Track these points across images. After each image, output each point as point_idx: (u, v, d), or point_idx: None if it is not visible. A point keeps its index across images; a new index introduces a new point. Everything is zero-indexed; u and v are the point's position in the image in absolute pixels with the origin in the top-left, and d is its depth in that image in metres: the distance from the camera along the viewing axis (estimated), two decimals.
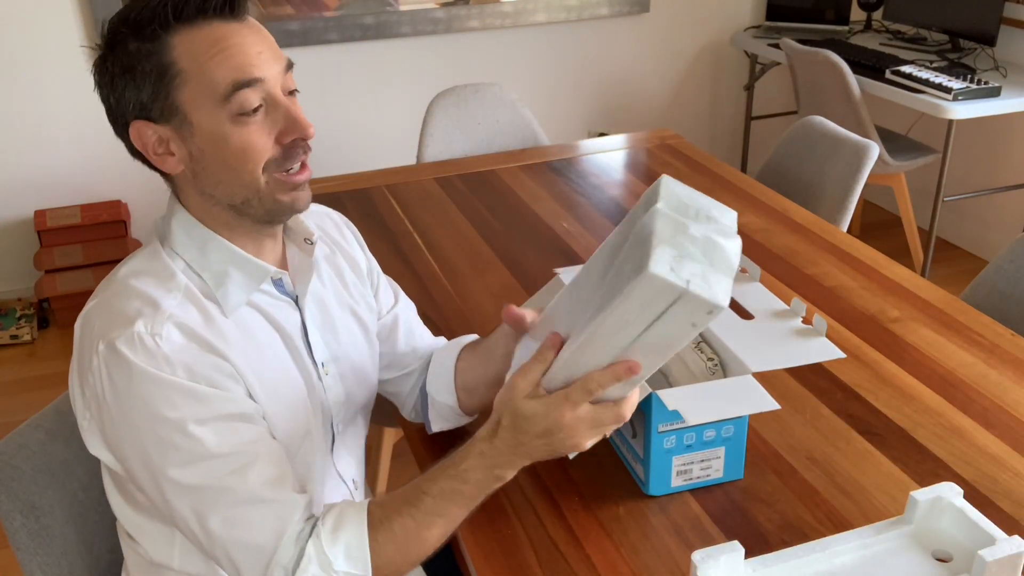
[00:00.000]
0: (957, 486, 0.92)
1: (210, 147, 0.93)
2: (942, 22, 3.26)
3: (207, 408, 0.90)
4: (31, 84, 2.99)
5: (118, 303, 0.93)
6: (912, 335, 1.43)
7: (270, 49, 0.95)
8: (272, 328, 1.02)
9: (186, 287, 0.96)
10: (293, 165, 0.96)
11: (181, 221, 0.99)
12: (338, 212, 1.22)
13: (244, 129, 0.92)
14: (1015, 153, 3.28)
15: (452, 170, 2.21)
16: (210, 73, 0.90)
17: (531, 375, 0.88)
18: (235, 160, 0.93)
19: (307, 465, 1.05)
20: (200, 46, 0.91)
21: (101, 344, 0.90)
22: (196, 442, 0.89)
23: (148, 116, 0.93)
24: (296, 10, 3.14)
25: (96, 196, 3.17)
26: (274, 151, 0.94)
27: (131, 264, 0.98)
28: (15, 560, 1.09)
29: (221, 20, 0.92)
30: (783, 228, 1.83)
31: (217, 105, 0.91)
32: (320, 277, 1.10)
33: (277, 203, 0.97)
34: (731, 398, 1.03)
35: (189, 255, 0.98)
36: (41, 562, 1.09)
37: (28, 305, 3.13)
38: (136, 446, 0.91)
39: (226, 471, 0.89)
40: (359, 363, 1.13)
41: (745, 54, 3.79)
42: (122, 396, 0.89)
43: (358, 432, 1.17)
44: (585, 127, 3.75)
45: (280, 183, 0.96)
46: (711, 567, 0.84)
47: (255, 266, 0.99)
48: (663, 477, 1.09)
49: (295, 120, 0.94)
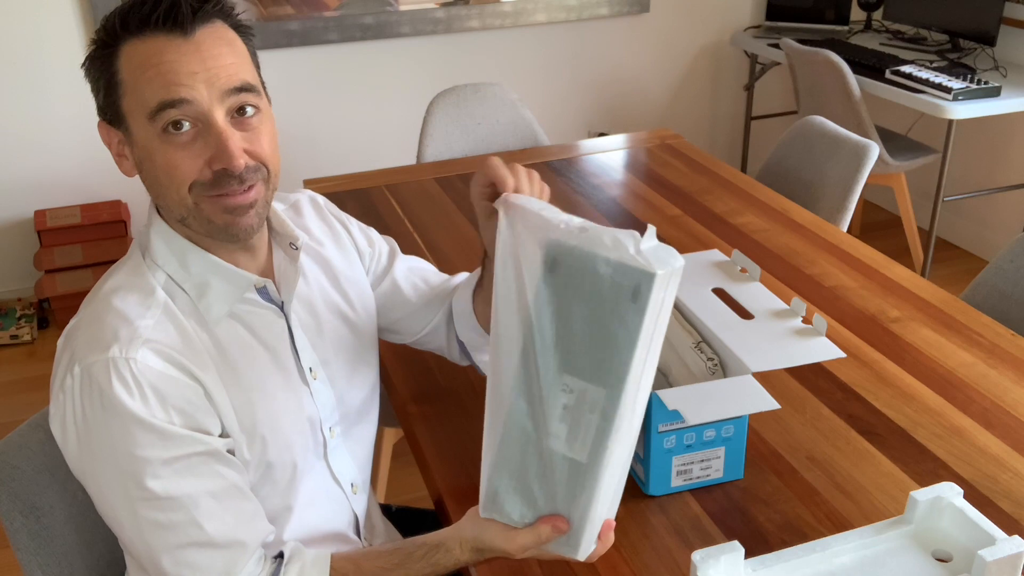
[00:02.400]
0: (957, 486, 0.92)
1: (144, 160, 0.93)
2: (942, 22, 3.26)
3: (172, 449, 0.90)
4: (31, 84, 2.99)
5: (97, 323, 0.93)
6: (912, 335, 1.43)
7: (210, 69, 0.90)
8: (255, 340, 1.01)
9: (164, 304, 0.95)
10: (223, 191, 0.93)
11: (159, 232, 0.98)
12: (309, 192, 1.21)
13: (169, 147, 0.91)
14: (1015, 153, 3.28)
15: (452, 170, 2.21)
16: (141, 88, 0.90)
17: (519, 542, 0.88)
18: (162, 176, 0.93)
19: (292, 474, 1.04)
20: (138, 59, 0.90)
21: (77, 367, 0.90)
22: (156, 482, 0.89)
23: (107, 119, 0.96)
24: (296, 10, 3.14)
25: (96, 196, 3.17)
26: (202, 175, 0.92)
27: (114, 279, 0.97)
28: (15, 560, 1.09)
29: (165, 34, 0.90)
30: (783, 228, 1.83)
31: (146, 120, 0.91)
32: (306, 279, 1.09)
33: (212, 224, 0.95)
34: (731, 398, 1.03)
35: (170, 267, 0.98)
36: (41, 562, 1.09)
37: (28, 305, 3.13)
38: (97, 475, 0.92)
39: (182, 513, 0.90)
40: (350, 364, 1.12)
41: (745, 54, 3.79)
42: (90, 424, 0.90)
43: (359, 434, 1.16)
44: (585, 127, 3.75)
45: (213, 204, 0.93)
46: (711, 567, 0.84)
47: (236, 275, 0.99)
48: (663, 477, 1.09)
49: (222, 149, 0.90)
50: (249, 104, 0.93)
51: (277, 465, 1.02)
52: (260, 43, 3.47)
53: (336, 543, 1.11)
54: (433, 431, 1.24)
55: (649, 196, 2.02)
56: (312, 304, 1.09)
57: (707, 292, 1.21)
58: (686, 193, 2.02)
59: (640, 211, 1.94)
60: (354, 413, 1.14)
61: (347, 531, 1.13)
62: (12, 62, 2.94)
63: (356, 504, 1.14)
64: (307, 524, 1.07)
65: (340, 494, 1.12)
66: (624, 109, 3.77)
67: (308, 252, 1.13)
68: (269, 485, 1.02)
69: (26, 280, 3.21)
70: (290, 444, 1.03)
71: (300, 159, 3.28)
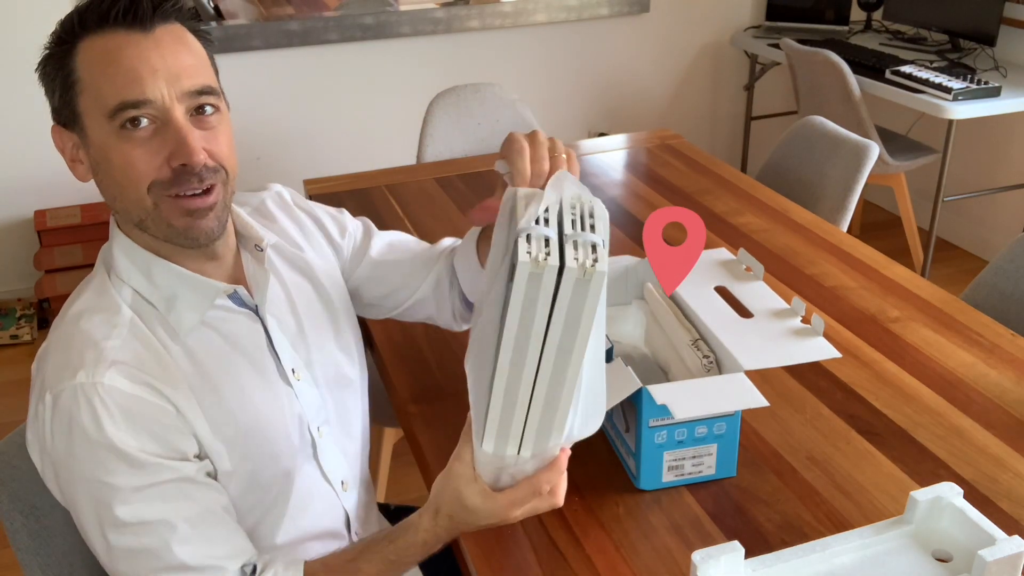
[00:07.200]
0: (957, 486, 0.92)
1: (101, 160, 0.92)
2: (942, 22, 3.26)
3: (143, 476, 0.90)
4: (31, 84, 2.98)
5: (64, 347, 0.92)
6: (912, 335, 1.43)
7: (171, 67, 0.89)
8: (229, 347, 1.00)
9: (131, 321, 0.94)
10: (182, 190, 0.92)
11: (122, 246, 0.97)
12: (275, 187, 1.20)
13: (127, 145, 0.90)
14: (1015, 153, 3.28)
15: (452, 170, 2.21)
16: (99, 85, 0.89)
17: (465, 456, 0.88)
18: (120, 176, 0.91)
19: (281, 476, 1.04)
20: (96, 56, 0.89)
21: (48, 395, 0.90)
22: (128, 509, 0.89)
23: (60, 122, 0.94)
24: (296, 10, 3.14)
25: (96, 196, 3.14)
26: (161, 173, 0.91)
27: (80, 301, 0.97)
28: (15, 560, 1.09)
29: (124, 30, 0.89)
30: (783, 228, 1.83)
31: (104, 118, 0.89)
32: (281, 280, 1.09)
33: (171, 228, 0.93)
34: (720, 394, 1.03)
35: (135, 282, 0.97)
36: (41, 562, 1.09)
37: (28, 305, 3.13)
38: (74, 502, 0.92)
39: (155, 538, 0.90)
40: (334, 360, 1.12)
41: (745, 54, 3.79)
42: (64, 452, 0.90)
43: (349, 430, 1.15)
44: (585, 127, 3.75)
45: (172, 206, 0.92)
46: (711, 567, 0.84)
47: (203, 284, 0.98)
48: (654, 472, 1.09)
49: (182, 144, 0.89)
50: (209, 104, 0.93)
51: (264, 470, 1.01)
52: (260, 43, 3.46)
53: (327, 541, 1.11)
54: (433, 431, 1.24)
55: (649, 196, 2.01)
56: (292, 305, 1.08)
57: (709, 290, 1.21)
58: (686, 193, 2.02)
59: (640, 211, 1.94)
60: (343, 409, 1.13)
61: (339, 528, 1.13)
62: (12, 62, 2.94)
63: (346, 501, 1.14)
64: (299, 525, 1.07)
65: (330, 492, 1.11)
66: (624, 109, 3.77)
67: (285, 255, 1.12)
68: (258, 491, 1.02)
69: (26, 280, 3.21)
70: (276, 448, 1.02)
71: (300, 159, 3.28)
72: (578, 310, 0.76)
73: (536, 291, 0.75)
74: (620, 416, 1.13)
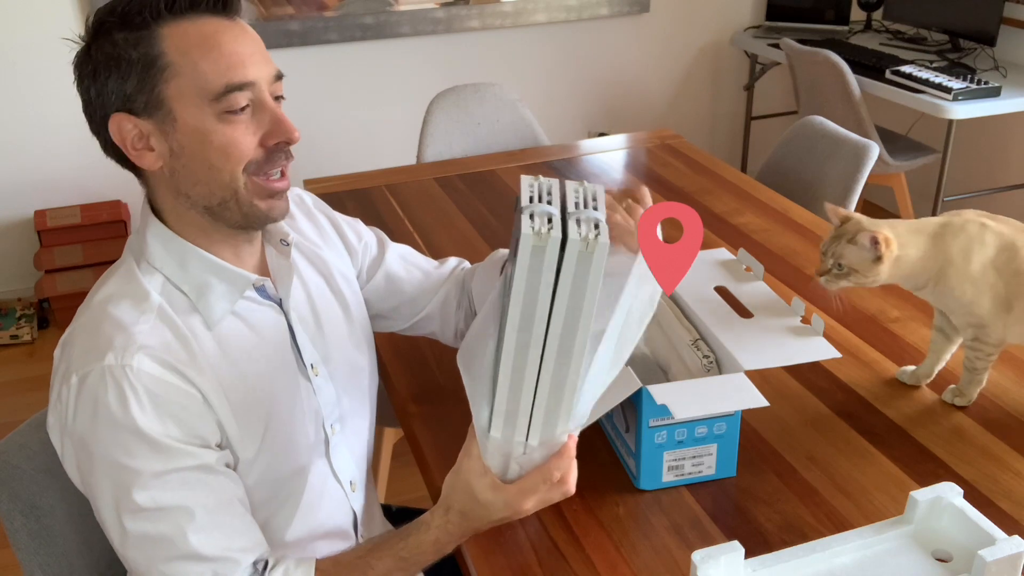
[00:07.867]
0: (957, 486, 0.92)
1: (192, 143, 0.92)
2: (942, 22, 3.26)
3: (164, 461, 0.90)
4: (31, 84, 2.99)
5: (92, 331, 0.92)
6: (912, 335, 1.43)
7: (260, 52, 0.94)
8: (257, 337, 1.01)
9: (159, 308, 0.95)
10: (274, 170, 0.96)
11: (156, 234, 0.98)
12: (296, 190, 1.21)
13: (229, 127, 0.92)
14: (1015, 153, 3.28)
15: (452, 170, 2.21)
16: (201, 70, 0.90)
17: (474, 451, 0.89)
18: (217, 158, 0.92)
19: (296, 470, 1.04)
20: (192, 40, 0.90)
21: (74, 377, 0.90)
22: (147, 494, 0.89)
23: (130, 109, 0.92)
24: (296, 10, 3.14)
25: (96, 196, 3.17)
26: (256, 153, 0.94)
27: (107, 287, 0.97)
28: (15, 560, 1.09)
29: (213, 16, 0.92)
30: (783, 228, 1.83)
31: (205, 102, 0.90)
32: (302, 277, 1.10)
33: (253, 208, 0.96)
34: (720, 394, 1.03)
35: (168, 269, 0.97)
36: (41, 562, 1.09)
37: (28, 305, 3.13)
38: (92, 485, 0.92)
39: (172, 525, 0.90)
40: (348, 358, 1.13)
41: (745, 54, 3.79)
42: (86, 433, 0.90)
43: (357, 431, 1.16)
44: (585, 127, 3.75)
45: (259, 187, 0.95)
46: (711, 567, 0.84)
47: (235, 275, 0.99)
48: (654, 472, 1.09)
49: (280, 123, 0.94)
50: (281, 91, 0.97)
51: (281, 464, 1.02)
52: None
53: (335, 541, 1.11)
54: (433, 431, 1.24)
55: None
56: (311, 301, 1.10)
57: (709, 290, 1.21)
58: (686, 193, 2.02)
59: None
60: (353, 409, 1.14)
61: (347, 528, 1.14)
62: (12, 62, 2.94)
63: (355, 502, 1.14)
64: (308, 523, 1.07)
65: (340, 492, 1.12)
66: (624, 109, 3.77)
67: (304, 252, 1.13)
68: (273, 484, 1.02)
69: (26, 280, 3.21)
70: (294, 440, 1.03)
71: (300, 159, 3.25)
72: (582, 284, 0.76)
73: (540, 264, 0.75)
74: (620, 416, 1.13)
